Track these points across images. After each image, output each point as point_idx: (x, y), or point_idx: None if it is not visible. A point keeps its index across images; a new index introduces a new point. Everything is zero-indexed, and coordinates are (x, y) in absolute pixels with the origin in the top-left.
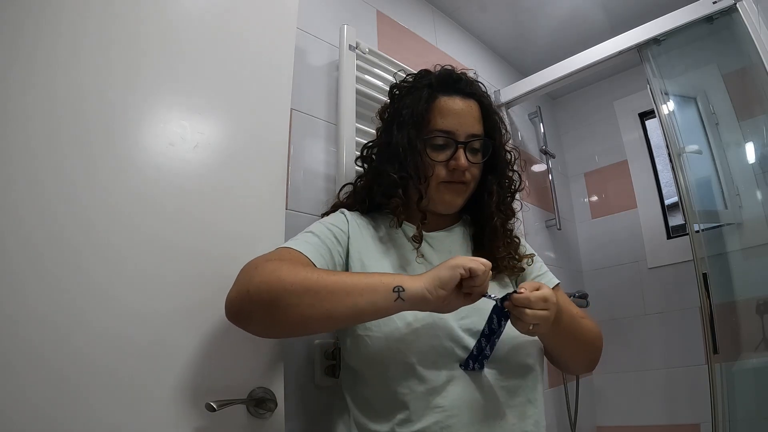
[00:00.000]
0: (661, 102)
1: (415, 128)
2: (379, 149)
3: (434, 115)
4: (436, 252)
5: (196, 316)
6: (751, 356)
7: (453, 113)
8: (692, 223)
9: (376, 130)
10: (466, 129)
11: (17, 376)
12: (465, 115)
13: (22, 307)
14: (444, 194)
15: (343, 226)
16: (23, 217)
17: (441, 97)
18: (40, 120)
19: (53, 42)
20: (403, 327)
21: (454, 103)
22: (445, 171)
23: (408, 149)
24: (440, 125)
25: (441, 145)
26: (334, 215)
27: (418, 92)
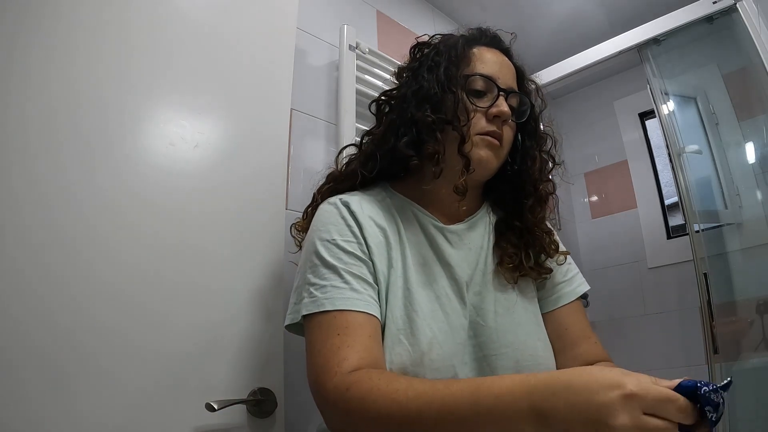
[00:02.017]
0: (661, 102)
1: (453, 68)
2: (402, 99)
3: (473, 60)
4: (455, 249)
5: (196, 315)
6: (751, 356)
7: (493, 61)
8: (692, 223)
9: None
10: (506, 80)
11: (17, 375)
12: (505, 66)
13: (22, 306)
14: (481, 149)
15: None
16: (24, 217)
17: (478, 46)
18: (39, 121)
19: (51, 41)
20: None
21: (493, 55)
22: (485, 120)
23: (446, 88)
24: (480, 69)
25: (480, 90)
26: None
27: (452, 40)
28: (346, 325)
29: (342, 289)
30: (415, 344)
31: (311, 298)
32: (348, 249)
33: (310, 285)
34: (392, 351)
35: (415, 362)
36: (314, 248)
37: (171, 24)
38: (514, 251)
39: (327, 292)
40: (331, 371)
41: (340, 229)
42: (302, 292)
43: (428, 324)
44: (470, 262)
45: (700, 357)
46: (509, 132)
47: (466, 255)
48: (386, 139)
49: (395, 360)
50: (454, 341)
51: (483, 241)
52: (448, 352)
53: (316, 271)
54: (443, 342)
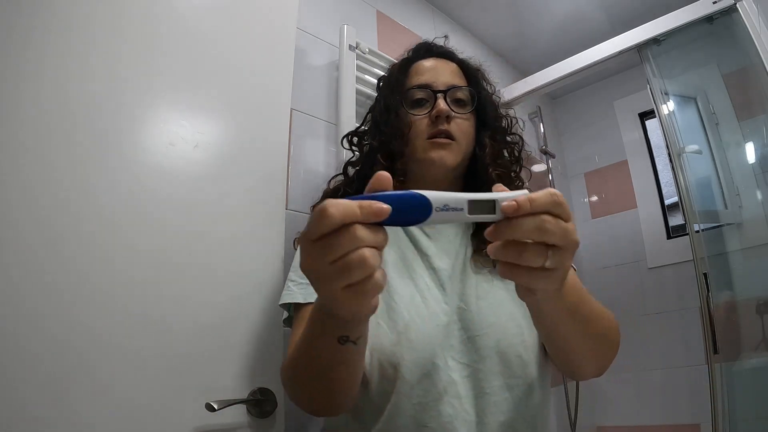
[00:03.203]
0: (661, 102)
1: (393, 94)
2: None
3: (410, 77)
4: (434, 241)
5: (195, 315)
6: (751, 356)
7: (428, 69)
8: (692, 223)
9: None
10: (444, 80)
11: (13, 379)
12: (439, 69)
13: (18, 310)
14: (430, 152)
15: None
16: (17, 220)
17: (416, 63)
18: (34, 121)
19: (46, 41)
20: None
21: (429, 62)
22: (428, 124)
23: (384, 113)
24: (415, 82)
25: (420, 98)
26: None
27: (394, 67)
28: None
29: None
30: (392, 326)
31: (288, 291)
32: None
33: (291, 281)
34: (372, 335)
35: (393, 342)
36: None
37: (170, 23)
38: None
39: (303, 288)
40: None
41: None
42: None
43: (406, 309)
44: (449, 252)
45: (700, 357)
46: (462, 125)
47: (445, 246)
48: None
49: (375, 342)
50: (433, 324)
51: (461, 230)
52: (426, 334)
53: (296, 270)
54: (420, 324)
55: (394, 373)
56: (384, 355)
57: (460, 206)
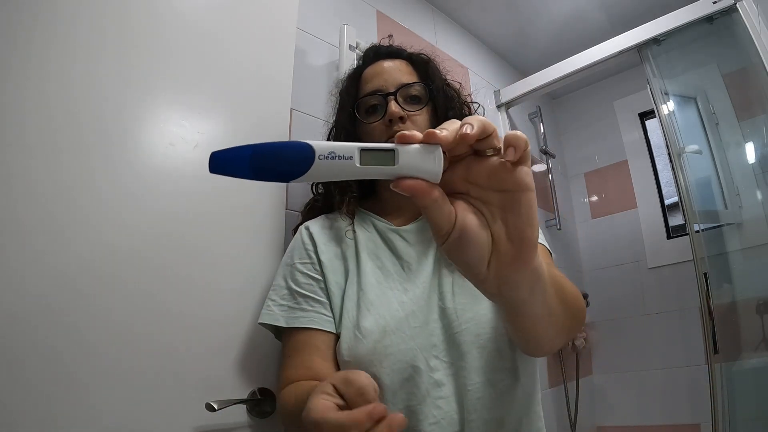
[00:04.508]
0: (661, 102)
1: (348, 104)
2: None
3: (361, 86)
4: (411, 245)
5: (195, 316)
6: (751, 356)
7: (377, 74)
8: (692, 223)
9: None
10: (394, 81)
11: (14, 377)
12: (391, 71)
13: (19, 310)
14: None
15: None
16: (22, 216)
17: (365, 69)
18: (37, 120)
19: (49, 40)
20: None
21: (378, 66)
22: (384, 129)
23: (341, 125)
24: (366, 89)
25: (373, 105)
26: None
27: (348, 76)
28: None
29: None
30: (368, 335)
31: (267, 311)
32: (303, 270)
33: (271, 300)
34: (350, 346)
35: (370, 351)
36: (280, 271)
37: (170, 23)
38: None
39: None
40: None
41: (300, 253)
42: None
43: (381, 315)
44: (426, 254)
45: (700, 357)
46: (418, 121)
47: (422, 249)
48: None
49: (353, 353)
50: (410, 326)
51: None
52: (402, 337)
53: (278, 290)
54: (396, 329)
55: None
56: (362, 365)
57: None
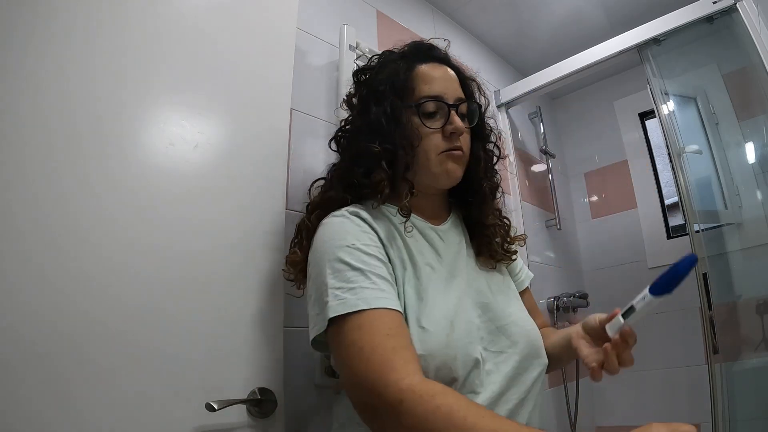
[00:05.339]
0: (661, 102)
1: (398, 98)
2: (354, 132)
3: (417, 83)
4: (447, 245)
5: (195, 316)
6: (751, 356)
7: (437, 78)
8: (692, 223)
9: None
10: (452, 92)
11: (12, 379)
12: (449, 80)
13: (17, 310)
14: (447, 164)
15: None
16: (17, 219)
17: (419, 65)
18: (34, 121)
19: (46, 40)
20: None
21: (435, 70)
22: (442, 139)
23: (391, 120)
24: (427, 91)
25: (432, 112)
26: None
27: (392, 65)
28: (390, 324)
29: (372, 290)
30: (438, 329)
31: (339, 300)
32: (369, 252)
33: (336, 289)
34: (421, 340)
35: (443, 344)
36: (334, 255)
37: (170, 23)
38: (486, 242)
39: (357, 293)
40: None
41: (357, 235)
42: (325, 298)
43: (446, 309)
44: (460, 253)
45: (700, 357)
46: (466, 138)
47: (457, 248)
48: (347, 170)
49: (426, 347)
50: (467, 320)
51: (461, 236)
52: (465, 330)
53: (340, 275)
54: (458, 323)
55: (449, 374)
56: (438, 359)
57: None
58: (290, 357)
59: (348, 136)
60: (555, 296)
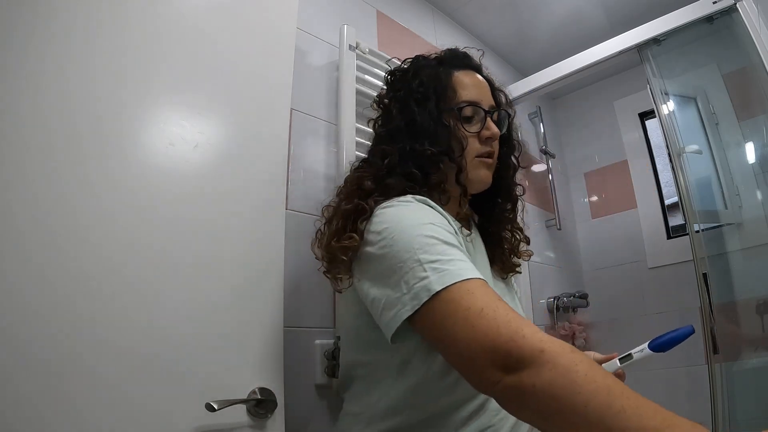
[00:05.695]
0: (661, 102)
1: (441, 101)
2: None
3: (456, 88)
4: (476, 252)
5: (195, 315)
6: (751, 356)
7: (473, 85)
8: (692, 223)
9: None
10: (487, 100)
11: (12, 379)
12: (483, 87)
13: (17, 310)
14: (480, 169)
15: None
16: (16, 219)
17: (456, 72)
18: (34, 121)
19: (46, 40)
20: None
21: (471, 77)
22: (478, 143)
23: (438, 122)
24: (465, 96)
25: (469, 116)
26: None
27: (430, 69)
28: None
29: (467, 262)
30: None
31: (441, 273)
32: (450, 231)
33: (432, 263)
34: None
35: None
36: (419, 232)
37: (170, 23)
38: (499, 252)
39: (457, 264)
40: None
41: (435, 218)
42: (419, 273)
43: None
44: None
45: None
46: (496, 145)
47: (481, 257)
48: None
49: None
50: None
51: (480, 244)
52: None
53: (432, 249)
54: None
55: None
56: None
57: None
58: (290, 357)
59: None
60: (555, 296)
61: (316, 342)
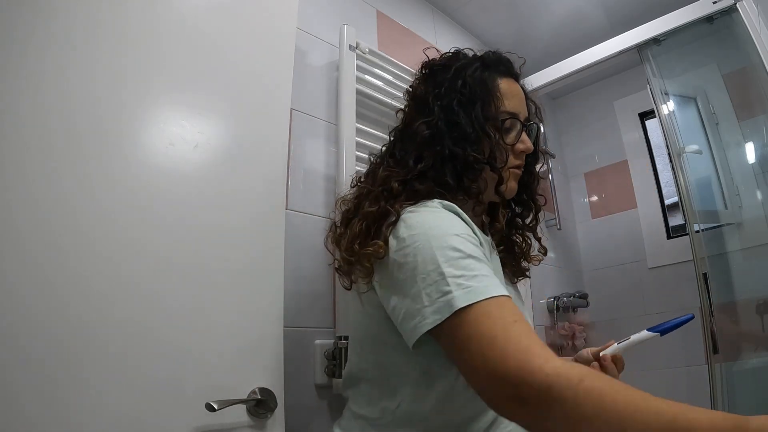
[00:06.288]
0: (661, 102)
1: (485, 108)
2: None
3: (499, 96)
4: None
5: (195, 315)
6: (751, 356)
7: (514, 95)
8: (692, 223)
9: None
10: (524, 112)
11: (11, 379)
12: (522, 98)
13: (17, 310)
14: (512, 181)
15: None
16: (16, 219)
17: (500, 78)
18: (34, 121)
19: (47, 40)
20: None
21: (513, 86)
22: (513, 155)
23: (481, 132)
24: (507, 107)
25: (509, 128)
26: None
27: (474, 71)
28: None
29: (491, 278)
30: None
31: (465, 289)
32: (475, 243)
33: (457, 277)
34: None
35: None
36: (445, 243)
37: (170, 23)
38: (512, 256)
39: (481, 281)
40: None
41: (462, 228)
42: (443, 287)
43: None
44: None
45: (700, 357)
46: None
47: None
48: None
49: None
50: None
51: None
52: None
53: (457, 264)
54: None
55: None
56: None
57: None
58: (290, 357)
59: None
60: (555, 296)
61: (316, 342)
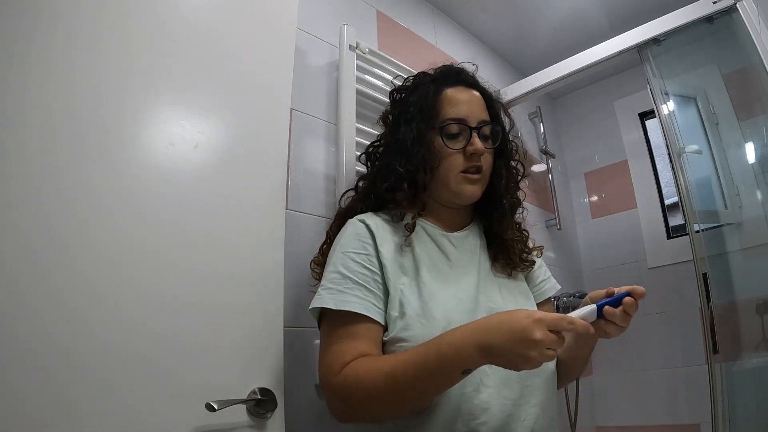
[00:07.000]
0: (661, 102)
1: (424, 121)
2: (385, 148)
3: (443, 106)
4: (459, 251)
5: (196, 315)
6: (751, 356)
7: (461, 102)
8: (692, 223)
9: (380, 136)
10: (476, 116)
11: (12, 379)
12: (473, 103)
13: (17, 310)
14: (464, 184)
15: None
16: (18, 219)
17: (447, 89)
18: (36, 121)
19: (49, 41)
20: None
21: (461, 93)
22: (462, 159)
23: (416, 141)
24: (451, 114)
25: (455, 133)
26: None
27: (423, 88)
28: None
29: (346, 294)
30: (434, 324)
31: (325, 295)
32: (358, 260)
33: (326, 288)
34: (412, 333)
35: None
36: (333, 258)
37: (170, 23)
38: (502, 251)
39: (333, 294)
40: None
41: (355, 244)
42: (320, 290)
43: (442, 308)
44: (471, 259)
45: (700, 357)
46: (488, 159)
47: (468, 254)
48: (373, 182)
49: (417, 339)
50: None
51: (478, 244)
52: None
53: (331, 277)
54: (459, 321)
55: None
56: None
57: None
58: (290, 357)
59: (378, 151)
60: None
61: (316, 342)
